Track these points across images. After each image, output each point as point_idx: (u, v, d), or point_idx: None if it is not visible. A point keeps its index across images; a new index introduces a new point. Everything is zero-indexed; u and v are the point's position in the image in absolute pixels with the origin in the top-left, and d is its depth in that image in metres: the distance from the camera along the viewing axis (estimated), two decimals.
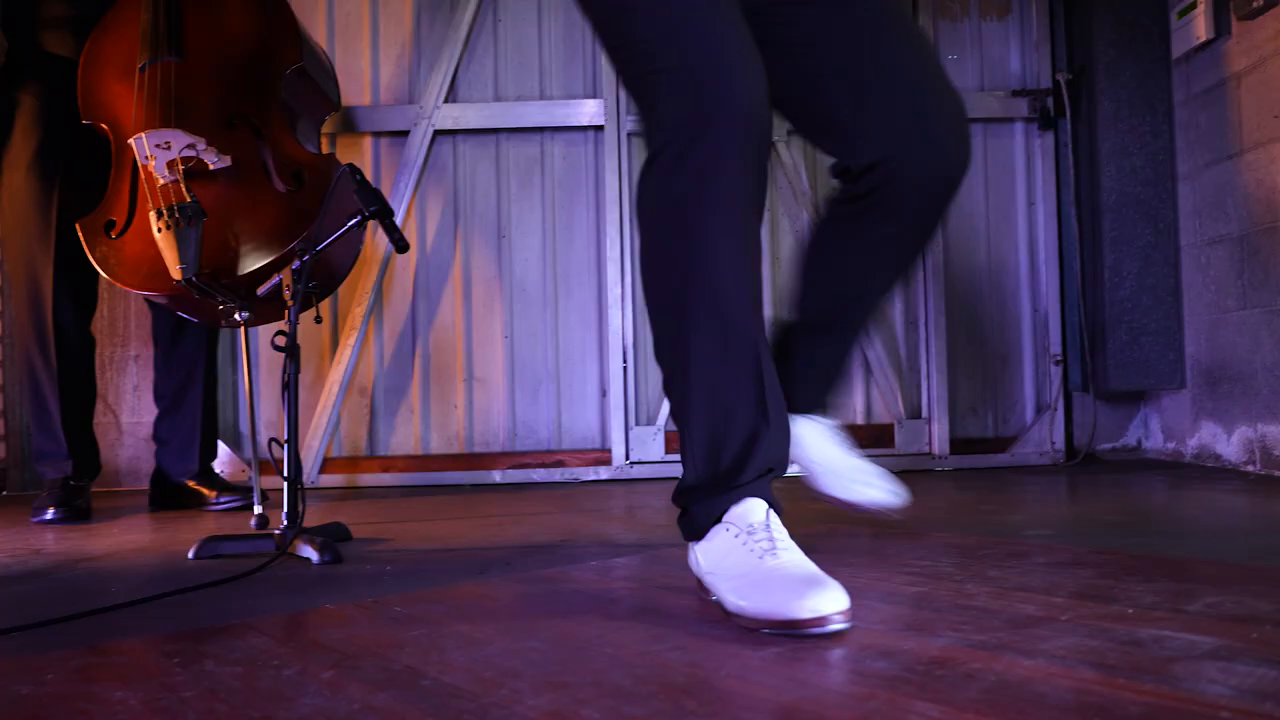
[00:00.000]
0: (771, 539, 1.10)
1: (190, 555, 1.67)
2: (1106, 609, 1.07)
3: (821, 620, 0.98)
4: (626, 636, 1.03)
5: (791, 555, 1.08)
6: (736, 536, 1.11)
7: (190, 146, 1.99)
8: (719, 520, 1.14)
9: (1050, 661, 0.87)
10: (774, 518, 1.13)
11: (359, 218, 1.64)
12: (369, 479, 3.04)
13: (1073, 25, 3.10)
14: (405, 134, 3.11)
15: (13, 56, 2.37)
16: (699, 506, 1.16)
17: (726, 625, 1.06)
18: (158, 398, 2.57)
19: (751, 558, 1.08)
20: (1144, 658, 0.88)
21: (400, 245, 1.60)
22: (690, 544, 1.20)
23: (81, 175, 2.28)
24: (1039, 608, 1.09)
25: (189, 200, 1.92)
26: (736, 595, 1.05)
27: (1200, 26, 2.69)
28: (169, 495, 2.55)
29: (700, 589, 1.20)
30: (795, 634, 0.99)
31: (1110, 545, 1.53)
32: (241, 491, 2.52)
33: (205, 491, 2.52)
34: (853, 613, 1.00)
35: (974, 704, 0.77)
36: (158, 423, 2.58)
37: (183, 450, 2.54)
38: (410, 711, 0.79)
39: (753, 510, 1.13)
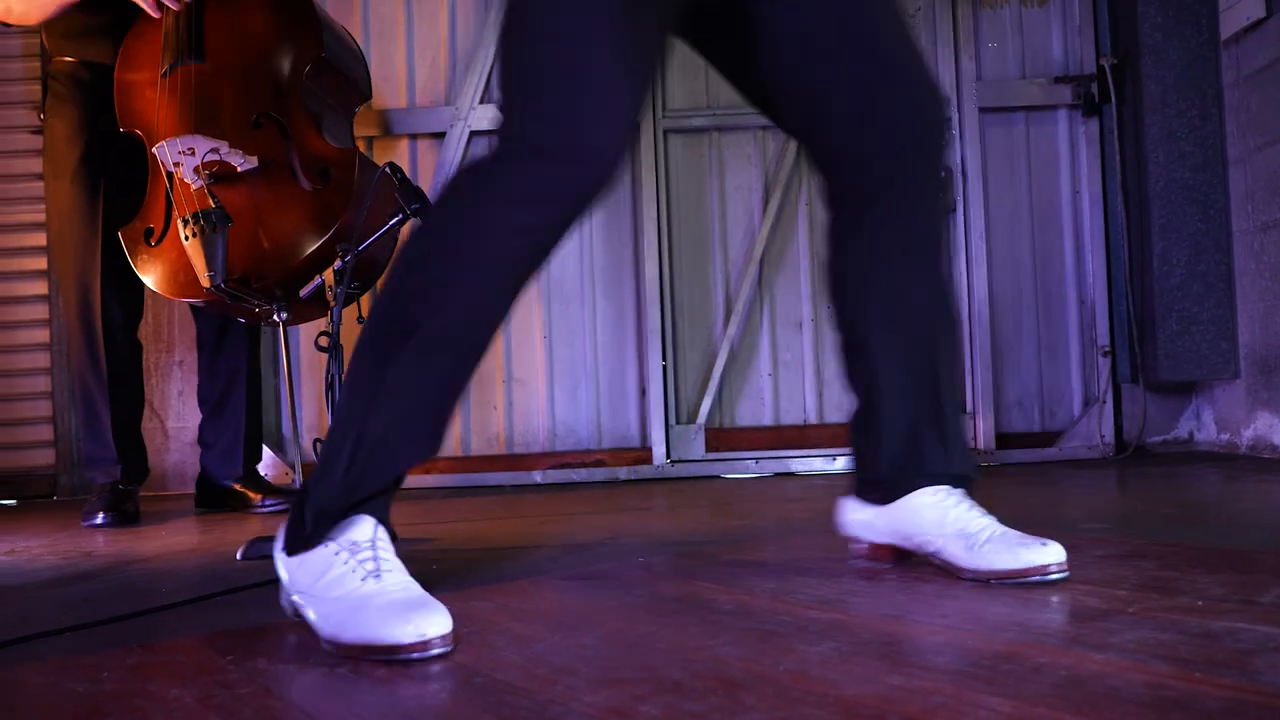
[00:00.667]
0: (376, 559, 1.03)
1: (238, 556, 1.68)
2: (1173, 601, 1.04)
3: (425, 644, 0.92)
4: (679, 633, 1.01)
5: (395, 576, 1.02)
6: (338, 554, 1.04)
7: (214, 150, 1.99)
8: (322, 539, 1.06)
9: (1121, 655, 0.84)
10: (382, 535, 1.07)
11: (401, 216, 1.64)
12: (410, 481, 3.03)
13: (1116, 9, 3.04)
14: (442, 135, 3.11)
15: (57, 66, 2.40)
16: (313, 517, 1.07)
17: (781, 621, 1.04)
18: (201, 402, 2.60)
19: (353, 579, 1.01)
20: (1219, 651, 0.84)
21: None
22: (280, 556, 1.11)
23: (126, 181, 2.30)
24: (1102, 601, 1.05)
25: (213, 206, 1.92)
26: (331, 623, 0.99)
27: (1251, 5, 2.62)
28: (214, 498, 2.57)
29: (294, 613, 1.10)
30: (397, 660, 0.92)
31: (1169, 538, 1.49)
32: (286, 494, 2.54)
33: (250, 494, 2.54)
34: (454, 638, 0.95)
35: (1046, 698, 0.74)
36: (202, 427, 2.60)
37: (227, 453, 2.56)
38: (465, 709, 0.78)
39: (359, 528, 1.06)
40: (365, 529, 1.06)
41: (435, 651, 0.93)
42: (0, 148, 3.22)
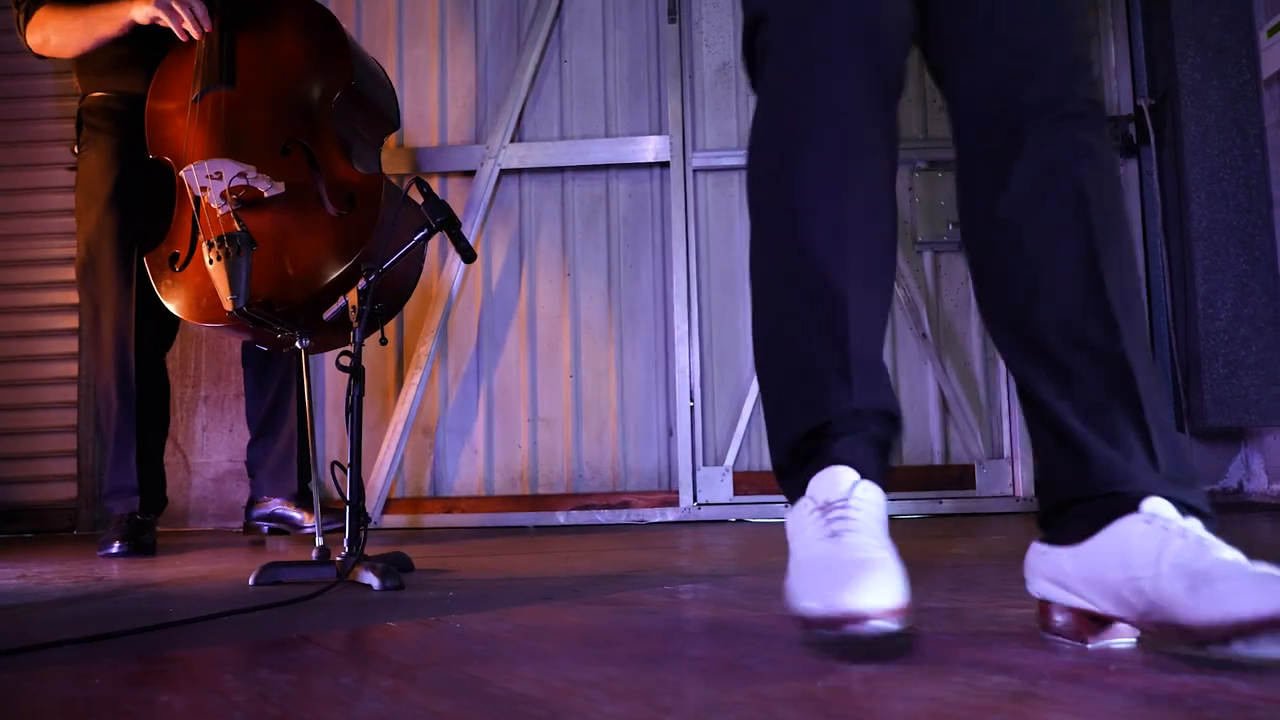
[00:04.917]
0: (846, 517, 0.94)
1: (250, 582, 1.63)
2: None
3: (854, 617, 0.81)
4: (706, 650, 0.94)
5: (855, 538, 0.91)
6: (811, 512, 0.97)
7: (241, 175, 1.99)
8: (804, 490, 1.01)
9: (1200, 678, 0.76)
10: (864, 490, 0.97)
11: (426, 230, 1.61)
12: (432, 520, 2.99)
13: (1153, 50, 3.00)
14: (472, 174, 3.11)
15: (90, 101, 2.42)
16: (787, 478, 1.05)
17: (817, 643, 0.96)
18: (249, 422, 2.58)
19: (814, 539, 0.94)
20: None
21: (467, 255, 1.56)
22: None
23: (155, 209, 2.30)
24: None
25: (238, 229, 1.91)
26: (791, 578, 0.91)
27: None
28: (262, 521, 2.55)
29: None
30: (831, 633, 0.83)
31: None
32: (336, 515, 2.48)
33: (304, 514, 2.51)
34: (907, 612, 0.83)
35: (1116, 716, 0.66)
36: (250, 448, 2.59)
37: (277, 472, 2.54)
38: (475, 718, 0.72)
39: (833, 482, 0.98)
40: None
41: (874, 625, 0.82)
42: (32, 184, 3.26)
